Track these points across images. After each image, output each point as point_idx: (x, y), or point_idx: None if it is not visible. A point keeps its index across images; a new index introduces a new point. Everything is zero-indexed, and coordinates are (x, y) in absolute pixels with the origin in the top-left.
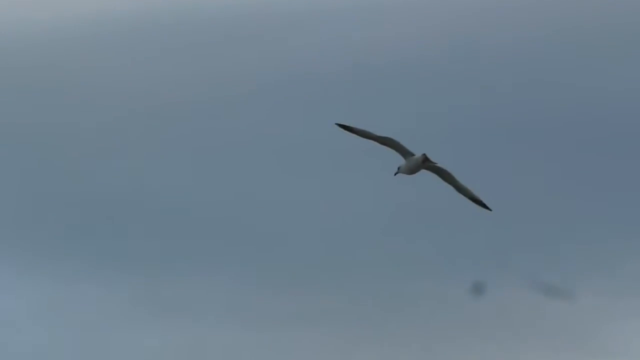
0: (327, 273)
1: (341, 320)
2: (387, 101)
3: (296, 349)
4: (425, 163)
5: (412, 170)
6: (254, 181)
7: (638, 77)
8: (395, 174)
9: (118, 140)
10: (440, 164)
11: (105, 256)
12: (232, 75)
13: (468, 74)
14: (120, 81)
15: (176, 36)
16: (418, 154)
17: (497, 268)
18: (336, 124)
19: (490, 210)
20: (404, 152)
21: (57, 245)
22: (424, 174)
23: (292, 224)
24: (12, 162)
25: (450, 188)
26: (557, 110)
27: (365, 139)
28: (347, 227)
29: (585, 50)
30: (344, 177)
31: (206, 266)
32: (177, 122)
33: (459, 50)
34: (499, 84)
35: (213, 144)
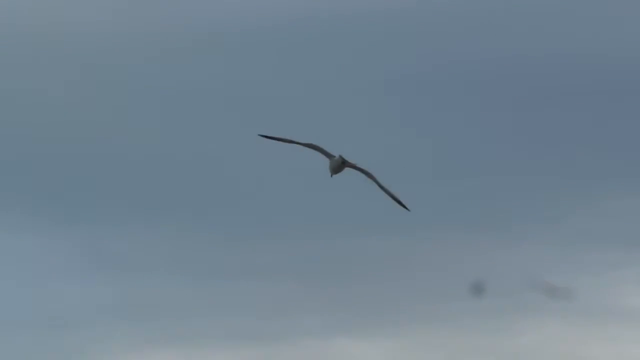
0: (273, 226)
1: (287, 273)
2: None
3: (242, 301)
4: (345, 164)
5: (336, 170)
6: (202, 132)
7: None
8: (331, 176)
9: (67, 94)
10: (361, 164)
11: (50, 208)
12: (169, 29)
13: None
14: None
15: None
16: (337, 156)
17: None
18: (259, 134)
19: (409, 210)
20: (327, 155)
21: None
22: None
23: (239, 177)
24: None
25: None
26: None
27: (290, 144)
28: (295, 181)
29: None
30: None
31: (151, 218)
32: (121, 74)
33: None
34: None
35: (159, 95)
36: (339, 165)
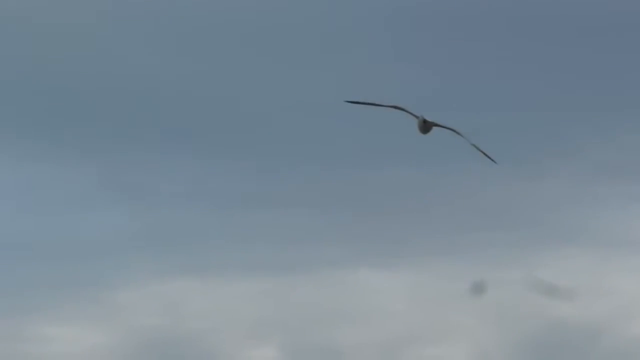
0: (290, 155)
1: (317, 202)
2: None
3: (263, 231)
4: (427, 124)
5: (422, 130)
6: (219, 58)
7: None
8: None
9: (81, 24)
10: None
11: (71, 137)
12: None
13: None
14: None
15: None
16: (419, 116)
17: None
18: (346, 100)
19: (496, 162)
20: (413, 115)
21: (21, 126)
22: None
23: (256, 105)
24: None
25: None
26: None
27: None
28: (314, 112)
29: None
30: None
31: (170, 147)
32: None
33: None
34: None
35: (176, 23)
36: (422, 125)
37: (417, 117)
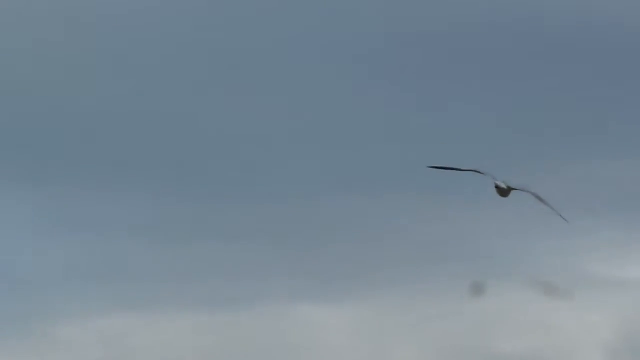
0: (229, 187)
1: (258, 235)
2: None
3: (208, 263)
4: (500, 189)
5: (500, 195)
6: (170, 92)
7: None
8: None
9: (39, 57)
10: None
11: (8, 168)
12: None
13: None
14: None
15: None
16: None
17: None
18: (428, 166)
19: (568, 221)
20: (492, 178)
21: None
22: None
23: (208, 138)
24: None
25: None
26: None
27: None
28: (258, 144)
29: None
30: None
31: (117, 180)
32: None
33: None
34: None
35: (134, 54)
36: (496, 190)
37: (495, 180)
